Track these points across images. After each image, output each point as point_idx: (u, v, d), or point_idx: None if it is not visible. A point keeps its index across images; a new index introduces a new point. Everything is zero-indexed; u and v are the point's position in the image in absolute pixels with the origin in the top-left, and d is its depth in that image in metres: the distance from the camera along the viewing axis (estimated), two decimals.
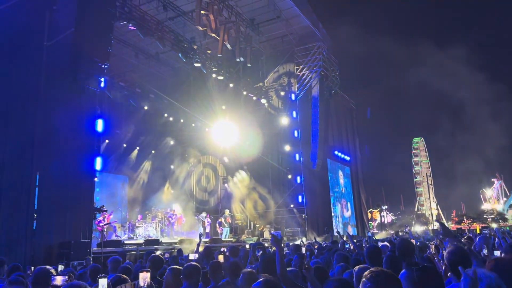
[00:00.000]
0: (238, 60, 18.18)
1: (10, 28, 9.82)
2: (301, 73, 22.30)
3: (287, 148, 21.58)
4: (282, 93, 22.45)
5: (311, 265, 3.72)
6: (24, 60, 10.09)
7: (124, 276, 3.97)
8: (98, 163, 11.65)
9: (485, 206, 59.08)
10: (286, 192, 21.33)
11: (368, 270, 1.89)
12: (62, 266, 6.38)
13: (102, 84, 12.28)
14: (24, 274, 4.65)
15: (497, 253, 4.29)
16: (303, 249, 7.07)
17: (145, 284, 3.10)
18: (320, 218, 21.58)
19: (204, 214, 19.21)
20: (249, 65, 18.83)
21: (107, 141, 18.28)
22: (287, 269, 3.33)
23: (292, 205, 21.07)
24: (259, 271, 3.35)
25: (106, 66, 12.20)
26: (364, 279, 1.87)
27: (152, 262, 4.69)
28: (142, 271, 3.19)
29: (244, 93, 21.59)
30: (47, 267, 3.84)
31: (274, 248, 5.11)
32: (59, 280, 3.27)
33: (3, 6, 9.56)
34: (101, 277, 3.13)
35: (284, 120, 22.03)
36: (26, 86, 10.06)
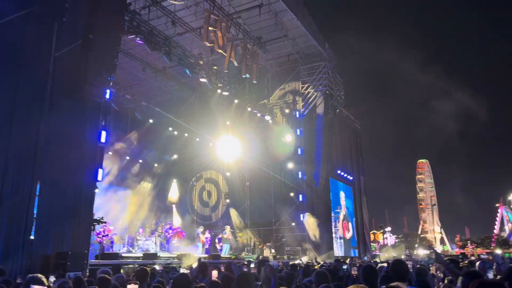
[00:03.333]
0: (244, 76, 18.34)
1: (19, 38, 9.97)
2: (306, 92, 22.43)
3: (290, 165, 21.54)
4: (287, 111, 22.53)
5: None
6: (31, 70, 10.21)
7: None
8: (100, 174, 11.66)
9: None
10: (288, 210, 21.19)
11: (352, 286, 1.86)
12: (54, 277, 6.29)
13: (108, 96, 12.39)
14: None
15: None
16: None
17: None
18: (321, 238, 21.36)
19: (201, 229, 19.08)
20: (254, 81, 18.97)
21: (110, 152, 18.36)
22: None
23: (293, 223, 20.90)
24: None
25: (112, 78, 12.33)
26: None
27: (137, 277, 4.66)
28: (130, 283, 3.17)
29: (249, 109, 21.71)
30: (39, 275, 3.84)
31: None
32: None
33: (13, 16, 9.74)
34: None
35: (288, 138, 22.05)
36: (32, 95, 10.15)
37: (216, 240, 19.37)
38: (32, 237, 9.88)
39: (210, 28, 16.00)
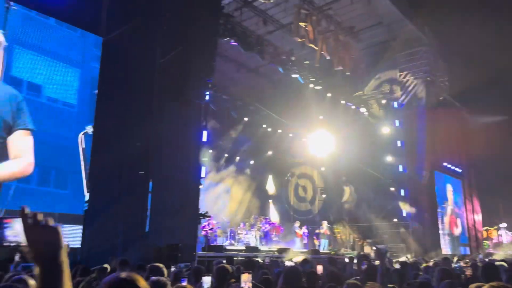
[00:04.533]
0: (336, 69, 17.95)
1: (127, 49, 10.97)
2: (405, 80, 21.16)
3: (390, 159, 20.56)
4: (384, 101, 21.52)
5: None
6: (140, 77, 11.19)
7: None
8: (203, 171, 12.41)
9: None
10: (389, 205, 20.27)
11: (488, 285, 1.70)
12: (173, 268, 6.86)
13: (207, 98, 13.12)
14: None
15: None
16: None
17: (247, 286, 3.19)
18: (427, 235, 20.08)
19: (297, 224, 19.15)
20: (348, 73, 18.47)
21: (210, 151, 19.34)
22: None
23: (395, 219, 19.96)
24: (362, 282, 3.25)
25: (210, 81, 13.02)
26: None
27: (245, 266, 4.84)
28: (243, 273, 3.30)
29: (343, 102, 21.19)
30: (160, 265, 4.27)
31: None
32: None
33: (120, 30, 10.73)
34: (205, 275, 3.31)
35: (386, 130, 21.06)
36: (142, 100, 11.13)
37: (314, 236, 19.32)
38: (146, 231, 10.87)
39: (300, 23, 15.96)
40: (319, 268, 5.30)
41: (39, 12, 9.57)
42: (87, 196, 9.73)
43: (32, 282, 3.24)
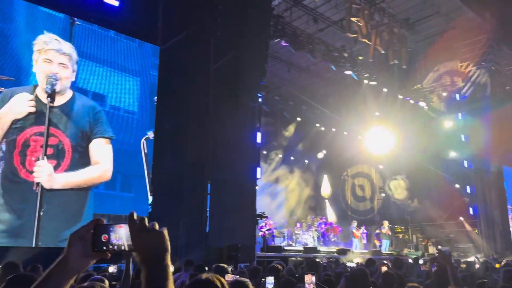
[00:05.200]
0: (392, 63, 17.36)
1: (183, 57, 11.34)
2: (467, 70, 19.99)
3: (453, 154, 19.53)
4: (444, 94, 20.48)
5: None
6: (196, 83, 11.53)
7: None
8: (258, 172, 12.53)
9: None
10: (454, 203, 19.24)
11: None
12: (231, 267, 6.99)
13: (260, 99, 13.24)
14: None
15: None
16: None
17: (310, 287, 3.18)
18: (497, 234, 18.83)
19: (354, 224, 18.73)
20: (404, 67, 17.79)
21: (264, 152, 19.47)
22: None
23: (461, 218, 18.91)
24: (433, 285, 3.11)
25: (263, 83, 13.13)
26: None
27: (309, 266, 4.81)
28: (307, 274, 3.29)
29: (400, 97, 20.43)
30: (224, 265, 4.38)
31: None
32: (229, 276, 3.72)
33: (176, 39, 11.11)
34: (268, 275, 3.34)
35: (448, 124, 20.04)
36: (198, 106, 11.46)
37: (375, 236, 18.80)
38: (207, 232, 11.16)
39: (352, 18, 15.62)
40: (384, 269, 5.17)
41: (99, 25, 10.16)
42: (150, 199, 10.17)
43: (106, 282, 3.44)
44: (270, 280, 3.36)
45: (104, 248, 1.06)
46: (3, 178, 7.96)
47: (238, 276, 3.94)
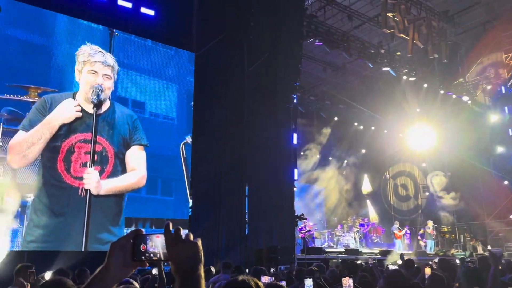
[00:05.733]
0: (431, 57, 16.79)
1: (218, 61, 11.51)
2: None
3: (500, 149, 18.60)
4: (489, 87, 19.57)
5: None
6: (231, 86, 11.67)
7: None
8: (296, 173, 12.49)
9: None
10: (502, 200, 18.31)
11: None
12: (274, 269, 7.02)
13: (295, 100, 13.20)
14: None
15: None
16: None
17: None
18: None
19: (396, 225, 18.22)
20: (445, 61, 17.15)
21: (301, 153, 19.34)
22: None
23: (511, 216, 17.96)
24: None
25: (297, 84, 13.09)
26: None
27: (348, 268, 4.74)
28: (345, 276, 3.25)
29: (441, 92, 19.71)
30: (262, 267, 4.40)
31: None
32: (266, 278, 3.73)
33: (211, 44, 11.28)
34: (306, 277, 3.33)
35: (494, 118, 19.12)
36: (234, 109, 11.59)
37: (419, 236, 18.23)
38: (246, 234, 11.24)
39: (388, 13, 15.26)
40: (427, 271, 5.00)
41: (137, 35, 10.51)
42: (190, 202, 10.37)
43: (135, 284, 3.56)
44: (308, 282, 3.34)
45: (143, 257, 1.10)
46: (46, 184, 8.34)
47: (273, 278, 3.94)
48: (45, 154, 8.38)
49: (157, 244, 1.10)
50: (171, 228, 1.11)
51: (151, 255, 1.10)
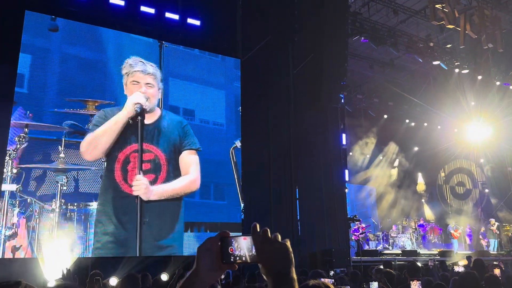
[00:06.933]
0: (485, 47, 15.92)
1: (263, 64, 11.59)
2: None
3: None
4: None
5: None
6: (276, 89, 11.69)
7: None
8: (346, 174, 12.27)
9: None
10: None
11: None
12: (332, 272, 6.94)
13: (342, 100, 12.99)
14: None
15: None
16: None
17: None
18: None
19: (452, 225, 17.38)
20: (501, 50, 16.20)
21: (351, 153, 18.98)
22: None
23: None
24: None
25: (344, 83, 12.88)
26: None
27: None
28: (413, 280, 3.15)
29: (497, 83, 18.65)
30: (320, 270, 4.34)
31: None
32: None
33: (256, 48, 11.38)
34: (373, 280, 3.26)
35: None
36: (281, 112, 11.61)
37: (480, 236, 17.29)
38: (299, 236, 11.17)
39: (436, 6, 14.66)
40: (497, 272, 4.74)
41: (185, 46, 10.83)
42: (242, 206, 10.48)
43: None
44: (374, 286, 3.26)
45: (232, 260, 1.09)
46: (105, 193, 8.77)
47: (333, 281, 3.88)
48: (105, 164, 8.81)
49: (242, 246, 1.10)
50: (258, 229, 1.09)
51: (237, 257, 1.09)
